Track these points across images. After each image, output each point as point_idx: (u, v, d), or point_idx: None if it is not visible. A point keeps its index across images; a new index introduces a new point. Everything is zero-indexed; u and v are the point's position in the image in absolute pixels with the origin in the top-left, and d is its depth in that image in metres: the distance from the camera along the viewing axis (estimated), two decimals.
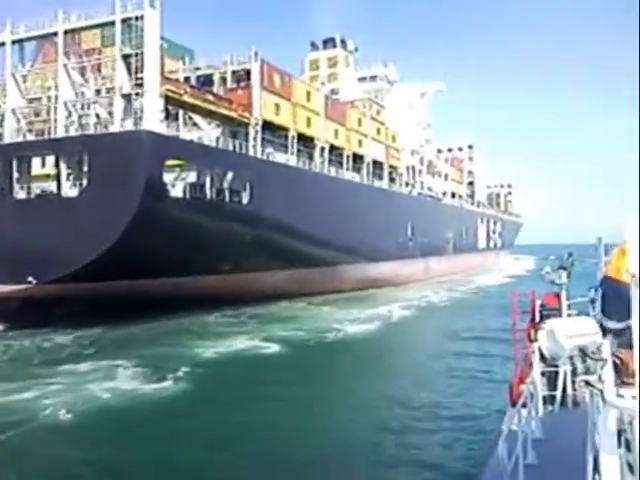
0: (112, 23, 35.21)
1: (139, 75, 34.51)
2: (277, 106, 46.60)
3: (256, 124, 44.17)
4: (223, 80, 45.59)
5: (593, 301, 9.57)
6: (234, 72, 45.37)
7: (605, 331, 4.40)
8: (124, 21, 34.86)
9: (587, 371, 3.58)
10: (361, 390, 21.40)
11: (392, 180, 71.78)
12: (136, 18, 34.38)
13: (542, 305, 11.95)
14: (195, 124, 45.18)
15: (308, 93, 51.61)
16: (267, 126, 46.40)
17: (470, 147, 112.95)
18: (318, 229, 48.35)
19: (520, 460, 6.77)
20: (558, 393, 10.71)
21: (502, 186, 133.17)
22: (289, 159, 48.60)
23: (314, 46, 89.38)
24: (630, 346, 3.40)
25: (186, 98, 37.50)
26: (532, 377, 9.63)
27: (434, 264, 78.02)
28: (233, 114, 41.85)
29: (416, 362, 27.09)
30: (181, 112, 44.19)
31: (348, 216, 54.53)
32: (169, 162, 37.92)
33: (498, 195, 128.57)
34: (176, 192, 38.29)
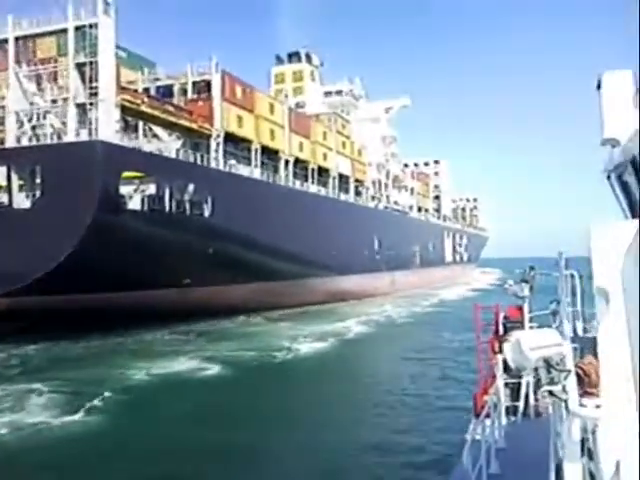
0: (65, 31, 34.21)
1: (94, 84, 33.55)
2: (239, 118, 45.93)
3: (217, 136, 43.42)
4: (183, 91, 44.80)
5: (555, 313, 9.77)
6: (194, 83, 44.62)
7: None
8: (78, 29, 33.90)
9: (551, 382, 3.56)
10: (301, 426, 18.39)
11: (358, 194, 71.53)
12: (90, 26, 33.48)
13: (505, 317, 12.14)
14: (155, 135, 44.27)
15: (271, 105, 51.09)
16: (230, 138, 45.69)
17: (436, 162, 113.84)
18: (283, 242, 47.59)
19: (484, 470, 6.93)
20: (521, 404, 11.03)
21: (468, 200, 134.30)
22: (253, 172, 47.91)
23: (279, 60, 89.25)
24: (595, 356, 3.56)
25: (144, 108, 36.61)
26: (495, 388, 10.01)
27: (401, 277, 77.69)
28: (193, 125, 41.05)
29: (366, 388, 24.10)
30: (141, 123, 43.32)
31: (314, 229, 53.92)
32: (127, 174, 37.06)
33: (464, 209, 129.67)
34: (134, 204, 37.30)
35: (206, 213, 40.90)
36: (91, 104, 33.40)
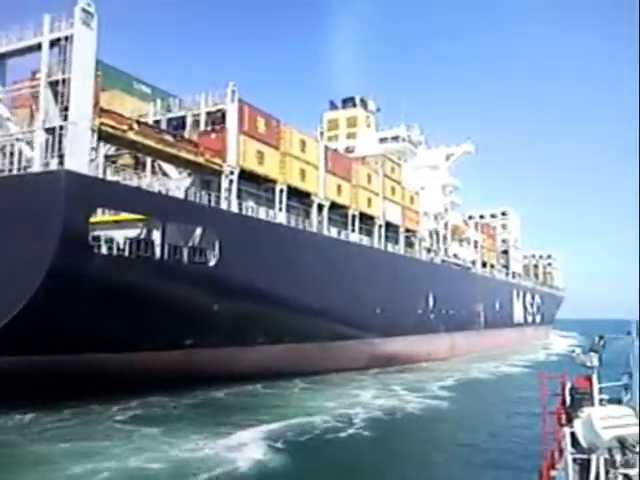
0: (40, 46, 29.39)
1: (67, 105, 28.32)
2: (260, 154, 39.98)
3: (231, 172, 37.46)
4: (197, 123, 39.35)
5: (627, 387, 9.76)
6: (209, 114, 39.13)
7: None
8: (53, 43, 29.04)
9: (626, 464, 3.43)
10: None
11: (410, 245, 64.09)
12: (66, 38, 28.49)
13: (573, 388, 11.33)
14: (166, 174, 38.96)
15: (303, 142, 44.97)
16: (249, 177, 39.74)
17: (504, 214, 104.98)
18: (314, 298, 41.02)
19: None
20: None
21: (541, 257, 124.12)
22: (276, 215, 41.59)
23: (333, 105, 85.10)
24: None
25: (132, 136, 30.88)
26: (563, 463, 9.81)
27: (461, 340, 69.30)
28: (199, 159, 35.24)
29: None
30: (149, 160, 38.28)
31: (351, 283, 47.08)
32: (117, 216, 31.81)
33: (536, 266, 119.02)
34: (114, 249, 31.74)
35: (211, 262, 34.69)
36: (61, 128, 28.03)
